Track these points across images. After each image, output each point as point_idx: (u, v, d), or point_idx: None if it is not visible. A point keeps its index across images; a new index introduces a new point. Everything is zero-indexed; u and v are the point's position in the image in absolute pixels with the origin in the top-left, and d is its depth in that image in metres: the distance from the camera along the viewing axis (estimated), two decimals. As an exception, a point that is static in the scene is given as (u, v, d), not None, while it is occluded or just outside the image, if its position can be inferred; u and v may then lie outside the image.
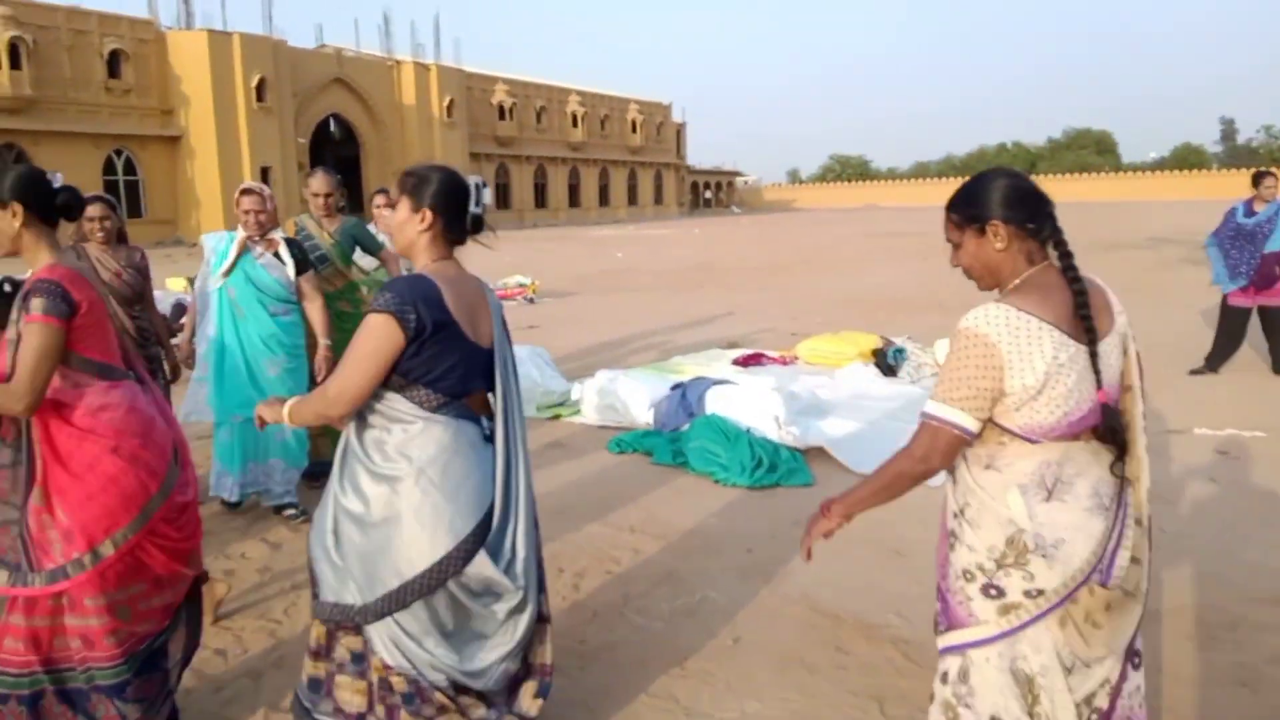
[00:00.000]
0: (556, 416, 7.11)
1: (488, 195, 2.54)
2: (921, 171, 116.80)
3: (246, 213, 4.69)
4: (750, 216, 68.76)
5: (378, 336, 2.29)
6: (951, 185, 2.46)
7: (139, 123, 37.84)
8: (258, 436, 4.67)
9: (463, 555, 2.37)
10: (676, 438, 5.96)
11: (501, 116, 54.87)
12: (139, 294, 4.70)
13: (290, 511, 4.83)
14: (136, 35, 37.74)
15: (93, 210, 4.52)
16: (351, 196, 41.92)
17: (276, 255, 4.77)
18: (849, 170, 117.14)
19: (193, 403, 4.82)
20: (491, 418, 2.54)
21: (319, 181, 5.43)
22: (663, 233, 43.51)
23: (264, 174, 39.25)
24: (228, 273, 4.70)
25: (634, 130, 67.14)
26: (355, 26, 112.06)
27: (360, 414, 2.44)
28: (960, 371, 1.88)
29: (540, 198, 59.27)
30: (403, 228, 2.46)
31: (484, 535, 2.41)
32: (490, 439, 2.51)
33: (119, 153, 37.38)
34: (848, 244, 30.50)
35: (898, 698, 3.03)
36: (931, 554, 4.30)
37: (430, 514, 2.35)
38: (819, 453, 5.71)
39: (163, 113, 38.68)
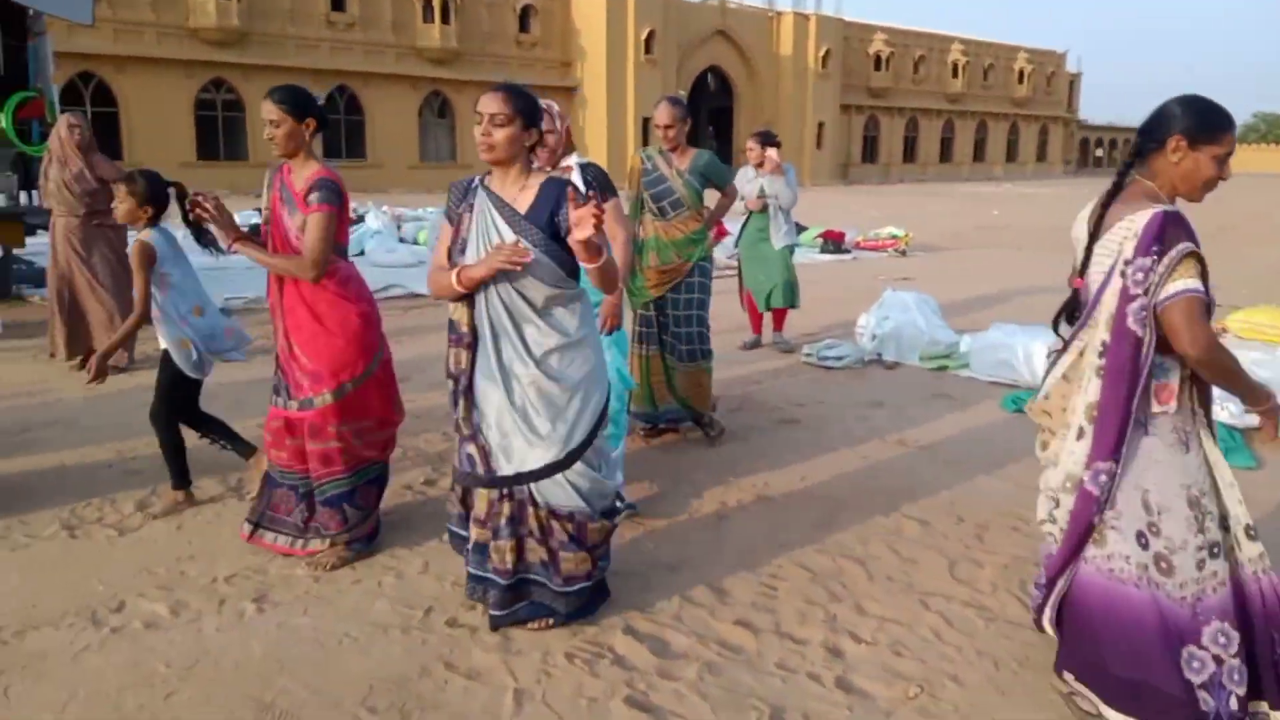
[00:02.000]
0: (943, 368, 6.82)
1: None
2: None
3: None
4: (1149, 178, 60.90)
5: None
6: None
7: (542, 74, 41.38)
8: None
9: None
10: (1083, 401, 5.46)
11: (877, 67, 53.16)
12: None
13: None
14: (545, -10, 41.17)
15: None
16: (722, 148, 43.03)
17: None
18: (1278, 130, 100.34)
19: None
20: None
21: (660, 112, 4.90)
22: (1046, 191, 40.12)
23: (644, 124, 41.42)
24: None
25: (1020, 81, 62.05)
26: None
27: (542, 298, 2.78)
28: None
29: (909, 151, 56.99)
30: (516, 140, 2.78)
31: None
32: None
33: (523, 102, 41.13)
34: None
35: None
36: None
37: (602, 363, 2.93)
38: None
39: (562, 64, 42.00)
